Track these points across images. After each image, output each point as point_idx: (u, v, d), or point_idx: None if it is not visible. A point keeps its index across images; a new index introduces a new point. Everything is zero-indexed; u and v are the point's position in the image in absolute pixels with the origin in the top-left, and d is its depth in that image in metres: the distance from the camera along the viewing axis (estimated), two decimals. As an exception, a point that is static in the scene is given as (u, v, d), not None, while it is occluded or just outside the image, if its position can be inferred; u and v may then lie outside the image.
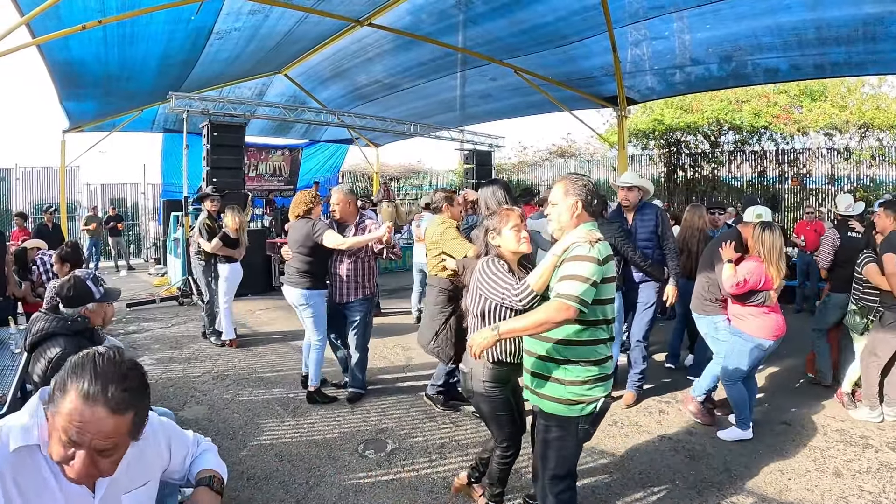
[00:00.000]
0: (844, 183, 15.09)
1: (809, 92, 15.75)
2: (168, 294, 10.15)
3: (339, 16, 9.09)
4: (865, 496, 3.73)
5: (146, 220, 18.75)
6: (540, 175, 21.65)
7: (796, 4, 7.64)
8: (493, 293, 2.87)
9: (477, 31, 9.56)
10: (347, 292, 5.13)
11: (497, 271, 2.90)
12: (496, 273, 2.90)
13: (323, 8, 8.65)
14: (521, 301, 2.72)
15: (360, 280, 5.17)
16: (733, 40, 8.96)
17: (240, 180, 10.54)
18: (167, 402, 5.18)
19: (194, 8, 7.68)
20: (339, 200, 5.18)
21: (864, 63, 9.11)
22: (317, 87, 14.09)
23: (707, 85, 11.30)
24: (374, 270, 5.31)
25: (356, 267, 5.15)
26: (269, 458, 4.16)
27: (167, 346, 7.17)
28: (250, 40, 9.89)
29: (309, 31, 10.04)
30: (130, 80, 10.79)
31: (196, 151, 10.82)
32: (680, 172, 17.59)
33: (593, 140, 19.83)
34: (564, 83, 11.55)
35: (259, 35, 9.68)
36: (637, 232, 5.35)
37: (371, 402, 5.31)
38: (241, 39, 9.77)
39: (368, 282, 5.22)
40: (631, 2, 8.25)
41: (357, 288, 5.16)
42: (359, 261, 5.14)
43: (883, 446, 4.49)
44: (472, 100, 13.98)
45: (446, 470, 4.00)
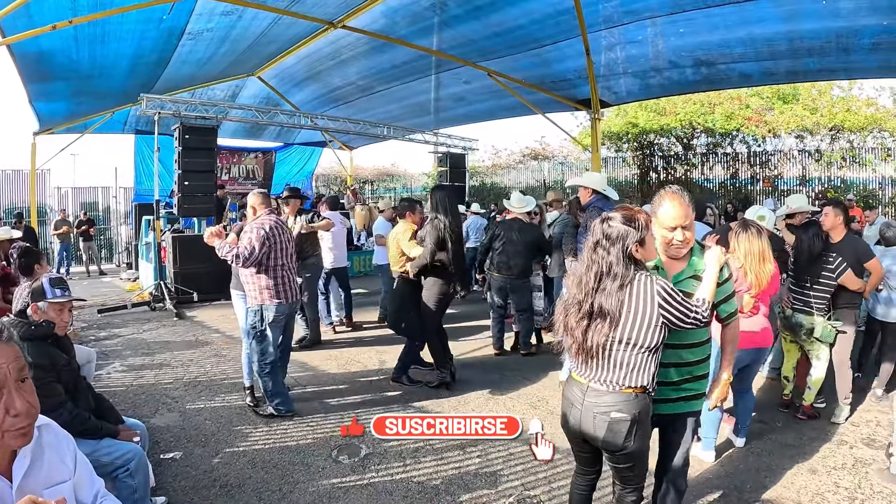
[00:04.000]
0: (815, 184, 15.39)
1: (781, 95, 16.06)
2: (140, 299, 9.99)
3: (313, 18, 9.05)
4: (841, 492, 3.77)
5: (118, 224, 18.47)
6: (514, 177, 21.77)
7: (770, 17, 7.76)
8: (684, 317, 2.53)
9: (451, 34, 9.58)
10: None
11: (678, 294, 2.56)
12: (680, 296, 2.55)
13: (296, 10, 8.60)
14: (706, 316, 2.60)
15: (247, 288, 5.04)
16: (706, 48, 9.08)
17: (212, 184, 10.42)
18: (138, 410, 5.08)
19: (167, 8, 7.60)
20: (251, 204, 5.17)
21: (835, 70, 9.34)
22: (290, 90, 14.01)
23: (681, 88, 11.47)
24: (260, 279, 4.91)
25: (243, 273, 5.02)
26: (241, 465, 4.08)
27: (139, 353, 7.04)
28: (223, 41, 9.81)
29: (282, 33, 9.99)
30: (102, 77, 10.65)
31: (168, 154, 10.69)
32: (653, 174, 17.83)
33: (567, 143, 19.97)
34: (538, 86, 11.62)
35: (232, 36, 9.60)
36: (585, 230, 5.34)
37: (345, 406, 5.25)
38: (213, 40, 9.69)
39: (257, 291, 4.93)
40: (605, 7, 8.33)
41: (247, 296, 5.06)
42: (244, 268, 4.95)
43: (857, 442, 4.55)
44: (446, 103, 14.01)
45: (421, 474, 3.97)
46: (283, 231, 5.06)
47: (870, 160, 15.08)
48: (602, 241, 2.58)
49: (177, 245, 10.05)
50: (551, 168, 20.34)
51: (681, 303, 2.51)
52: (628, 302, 2.52)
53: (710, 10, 7.88)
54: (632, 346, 2.53)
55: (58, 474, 1.80)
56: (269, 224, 4.90)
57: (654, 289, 2.51)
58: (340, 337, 7.86)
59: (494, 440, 4.36)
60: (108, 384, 5.80)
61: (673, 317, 2.50)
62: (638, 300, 2.51)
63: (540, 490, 3.78)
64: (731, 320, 2.87)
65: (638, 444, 2.59)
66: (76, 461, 1.91)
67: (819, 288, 4.88)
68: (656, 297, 2.49)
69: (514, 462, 4.15)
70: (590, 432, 2.64)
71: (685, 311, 2.51)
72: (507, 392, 5.72)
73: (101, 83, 11.02)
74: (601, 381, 2.60)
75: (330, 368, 6.46)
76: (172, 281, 9.96)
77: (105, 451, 3.08)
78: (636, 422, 2.55)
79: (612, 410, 2.56)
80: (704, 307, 2.58)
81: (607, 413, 2.56)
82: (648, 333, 2.51)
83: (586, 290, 2.60)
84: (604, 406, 2.58)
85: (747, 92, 15.85)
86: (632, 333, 2.52)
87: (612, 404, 2.56)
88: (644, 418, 2.59)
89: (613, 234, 2.55)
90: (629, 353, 2.54)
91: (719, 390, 2.93)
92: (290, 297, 5.03)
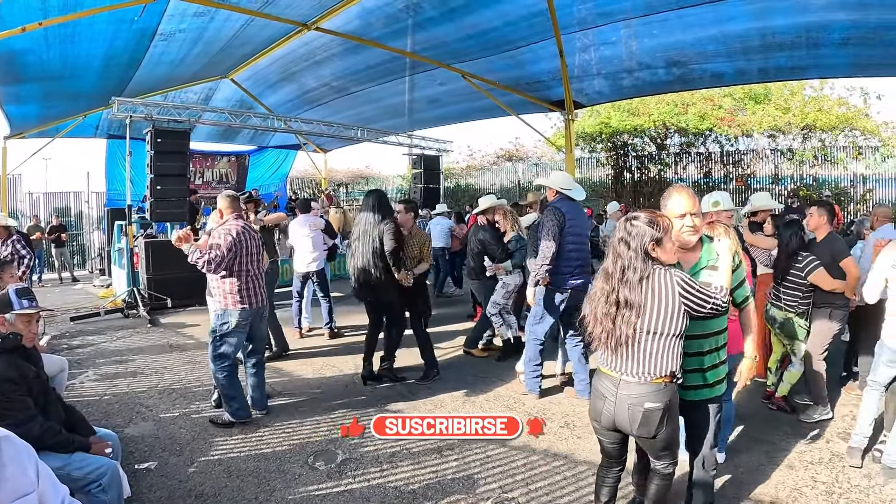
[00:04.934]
0: (788, 182, 15.63)
1: (753, 95, 16.29)
2: (113, 306, 9.84)
3: (286, 19, 9.00)
4: (819, 486, 3.83)
5: (90, 229, 18.21)
6: (488, 179, 21.84)
7: (742, 15, 7.87)
8: (703, 304, 2.70)
9: (425, 36, 9.58)
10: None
11: (696, 283, 2.75)
12: (697, 285, 2.74)
13: (269, 11, 8.55)
14: (724, 302, 2.75)
15: (213, 292, 5.01)
16: (680, 48, 9.17)
17: (185, 188, 10.30)
18: (112, 420, 5.00)
19: (139, 9, 7.52)
20: (219, 207, 5.15)
21: (806, 67, 9.48)
22: (264, 92, 13.90)
23: (654, 89, 11.58)
24: (225, 283, 4.87)
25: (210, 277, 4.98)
26: (217, 474, 4.04)
27: (112, 361, 6.93)
28: (195, 42, 9.71)
29: (256, 35, 9.91)
30: (73, 78, 10.49)
31: (140, 158, 10.55)
32: (627, 174, 18.02)
33: (541, 144, 20.09)
34: (512, 88, 11.68)
35: (204, 38, 9.51)
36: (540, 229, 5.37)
37: (321, 412, 5.22)
38: (186, 41, 9.59)
39: (222, 296, 4.89)
40: (580, 9, 8.37)
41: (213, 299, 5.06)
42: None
43: (834, 437, 4.62)
44: (420, 104, 14.01)
45: (398, 479, 3.95)
46: (250, 236, 5.02)
47: (841, 158, 15.34)
48: (625, 236, 2.78)
49: (150, 250, 9.93)
50: (526, 169, 20.43)
51: (700, 290, 2.69)
52: (651, 293, 2.71)
53: (683, 10, 7.97)
54: (658, 335, 2.71)
55: (22, 487, 1.79)
56: (236, 229, 4.87)
57: (673, 280, 2.70)
58: (315, 342, 7.79)
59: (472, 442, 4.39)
60: (82, 393, 5.71)
61: (694, 304, 2.69)
62: (660, 291, 2.70)
63: (518, 492, 3.78)
64: (747, 304, 3.18)
65: (669, 428, 2.79)
66: (38, 471, 1.90)
67: (788, 285, 4.99)
68: (676, 287, 2.69)
69: (491, 465, 4.15)
70: (624, 423, 2.80)
71: (704, 298, 2.68)
72: (481, 393, 5.73)
73: (72, 84, 10.85)
74: (632, 372, 2.77)
75: (304, 373, 6.42)
76: (146, 287, 9.84)
77: (77, 466, 3.02)
78: (668, 410, 2.75)
79: (645, 401, 2.73)
80: (722, 294, 2.74)
81: (641, 403, 2.74)
82: (672, 322, 2.69)
83: (613, 283, 2.80)
84: (636, 396, 2.75)
85: (720, 92, 16.07)
86: (657, 323, 2.70)
87: (644, 394, 2.74)
88: (674, 405, 2.81)
89: (634, 231, 2.75)
90: (656, 341, 2.72)
91: (748, 369, 3.16)
92: (256, 302, 4.99)
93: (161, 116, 10.42)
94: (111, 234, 13.14)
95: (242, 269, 4.88)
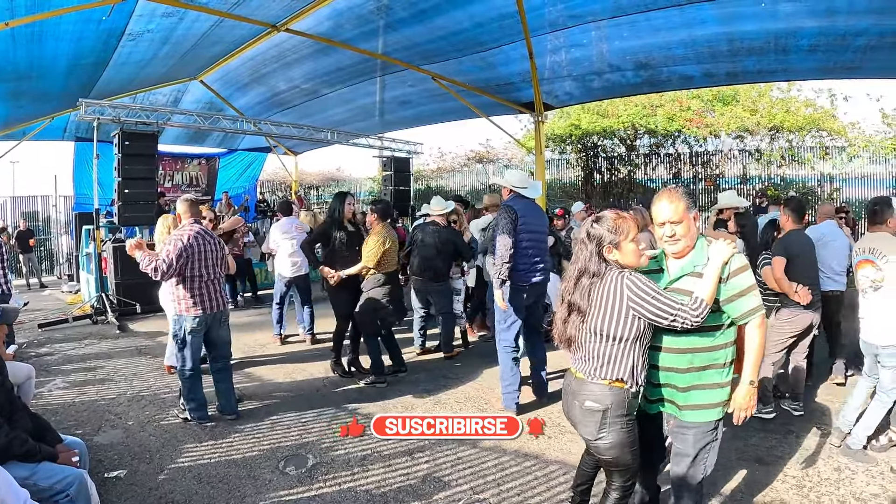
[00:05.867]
0: (756, 182, 15.91)
1: (722, 97, 16.54)
2: (81, 313, 9.69)
3: (256, 21, 8.93)
4: (789, 481, 3.91)
5: (58, 234, 17.90)
6: (458, 181, 21.86)
7: (710, 19, 7.97)
8: (660, 311, 2.55)
9: (396, 37, 9.58)
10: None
11: (653, 287, 2.61)
12: (654, 289, 2.60)
13: (239, 12, 8.48)
14: (699, 317, 2.53)
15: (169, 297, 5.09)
16: (648, 51, 9.28)
17: (153, 191, 10.17)
18: (80, 427, 4.93)
19: (107, 9, 7.42)
20: (178, 211, 5.17)
21: (774, 71, 9.67)
22: (234, 94, 13.77)
23: (623, 91, 11.70)
24: (179, 289, 4.91)
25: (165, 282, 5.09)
26: (187, 481, 4.01)
27: (80, 368, 6.82)
28: (164, 43, 9.58)
29: (225, 36, 9.82)
30: (40, 78, 10.27)
31: (108, 161, 10.40)
32: (597, 175, 18.16)
33: (511, 145, 20.14)
34: (482, 89, 11.73)
35: (173, 38, 9.39)
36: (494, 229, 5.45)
37: (291, 416, 5.21)
38: (154, 42, 9.44)
39: (176, 301, 4.95)
40: (550, 11, 8.42)
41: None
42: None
43: (804, 432, 4.72)
44: (391, 106, 14.01)
45: (369, 482, 3.96)
46: (205, 240, 4.99)
47: (808, 159, 15.63)
48: (584, 238, 2.76)
49: (118, 255, 9.77)
50: (496, 171, 20.48)
51: (657, 299, 2.56)
52: (598, 295, 2.66)
53: (651, 13, 8.04)
54: (605, 336, 2.65)
55: None
56: (188, 234, 4.87)
57: (623, 282, 2.61)
58: (288, 347, 7.75)
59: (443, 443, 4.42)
60: (50, 401, 5.62)
61: (648, 312, 2.57)
62: (607, 292, 2.63)
63: (489, 493, 3.81)
64: (746, 320, 2.70)
65: (614, 438, 2.68)
66: None
67: (758, 280, 5.10)
68: (625, 290, 2.60)
69: (462, 466, 4.18)
70: (572, 419, 2.83)
71: (664, 308, 2.54)
72: (452, 395, 5.78)
73: (39, 85, 10.65)
74: (581, 369, 2.76)
75: (275, 378, 6.40)
76: (114, 293, 9.69)
77: (44, 476, 2.98)
78: (607, 413, 2.65)
79: (586, 399, 2.71)
80: (698, 306, 2.55)
81: (582, 401, 2.72)
82: (619, 325, 2.61)
83: (567, 285, 2.80)
84: (581, 394, 2.74)
85: (688, 94, 16.31)
86: (602, 324, 2.64)
87: (587, 392, 2.71)
88: (618, 411, 2.67)
89: (592, 233, 2.73)
90: (604, 344, 2.67)
91: (743, 398, 2.76)
92: (212, 307, 5.00)
93: (129, 119, 10.26)
94: (79, 239, 12.93)
95: (195, 274, 4.88)
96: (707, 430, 2.77)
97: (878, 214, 4.34)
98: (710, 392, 2.74)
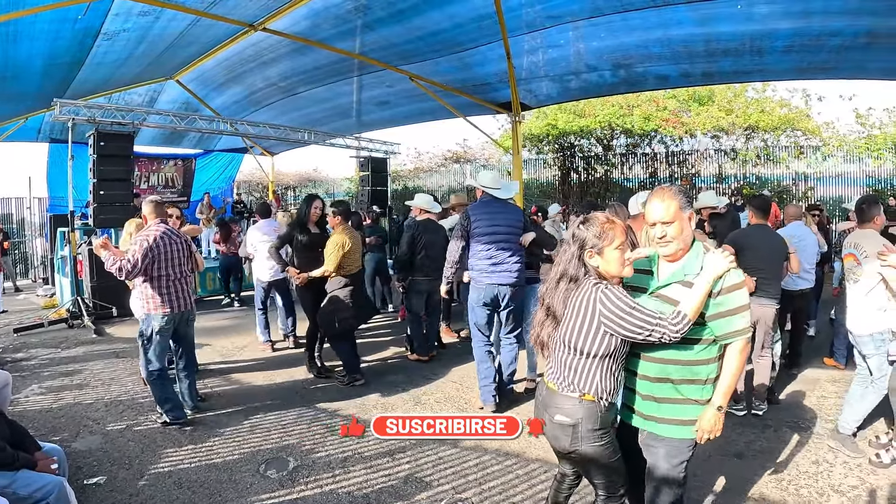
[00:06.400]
0: (732, 181, 16.13)
1: (698, 97, 16.74)
2: (57, 316, 9.55)
3: (233, 20, 8.86)
4: (768, 475, 4.00)
5: (33, 236, 17.62)
6: (436, 181, 21.90)
7: (687, 20, 8.04)
8: (635, 328, 2.39)
9: (374, 37, 9.56)
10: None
11: (629, 302, 2.44)
12: (629, 304, 2.43)
13: (216, 11, 8.41)
14: (679, 332, 2.36)
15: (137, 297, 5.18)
16: (625, 51, 9.35)
17: (129, 192, 10.04)
18: (58, 434, 4.88)
19: (82, 8, 7.34)
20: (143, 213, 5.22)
21: (750, 71, 9.82)
22: (210, 94, 13.64)
23: (600, 91, 11.77)
24: (146, 288, 4.96)
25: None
26: (168, 487, 3.99)
27: (57, 374, 6.73)
28: (140, 42, 9.46)
29: (202, 35, 9.73)
30: (15, 79, 10.09)
31: (83, 163, 10.26)
32: (574, 175, 18.27)
33: (488, 145, 20.22)
34: (460, 90, 11.74)
35: (149, 37, 9.28)
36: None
37: (272, 419, 5.20)
38: (130, 41, 9.33)
39: (144, 301, 5.00)
40: (527, 12, 8.45)
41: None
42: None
43: (781, 426, 4.83)
44: (369, 106, 13.98)
45: (350, 484, 3.97)
46: (171, 240, 5.06)
47: (783, 158, 15.89)
48: (569, 238, 2.63)
49: (94, 258, 9.62)
50: (473, 170, 20.53)
51: (632, 315, 2.39)
52: (571, 303, 2.52)
53: (628, 13, 8.08)
54: (573, 349, 2.51)
55: None
56: (154, 235, 4.94)
57: (596, 296, 2.44)
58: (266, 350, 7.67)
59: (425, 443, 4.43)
60: (27, 408, 5.54)
61: (623, 329, 2.40)
62: (579, 304, 2.49)
63: (472, 492, 3.85)
64: (729, 341, 2.54)
65: (589, 449, 2.54)
66: None
67: None
68: (598, 307, 2.43)
69: (443, 466, 4.21)
70: (544, 431, 2.68)
71: (639, 324, 2.38)
72: (431, 395, 5.83)
73: (13, 85, 10.46)
74: (554, 380, 2.62)
75: (255, 381, 6.37)
76: (90, 296, 9.57)
77: (22, 484, 2.97)
78: (578, 427, 2.51)
79: (556, 412, 2.57)
80: (678, 320, 2.38)
81: (552, 414, 2.58)
82: (589, 340, 2.46)
83: (548, 286, 2.66)
84: (551, 407, 2.60)
85: (664, 94, 16.48)
86: (571, 336, 2.50)
87: (556, 406, 2.57)
88: (590, 426, 2.51)
89: (577, 234, 2.58)
90: (573, 356, 2.53)
91: (707, 422, 2.57)
92: (179, 306, 5.07)
93: (104, 119, 10.12)
94: (54, 242, 12.74)
95: (162, 273, 4.96)
96: (682, 446, 2.62)
97: (864, 213, 4.53)
98: (686, 407, 2.59)
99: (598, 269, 2.54)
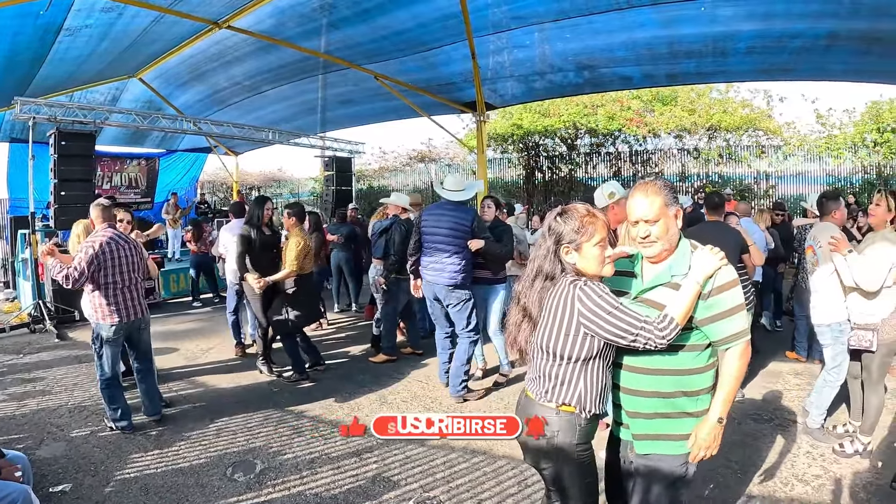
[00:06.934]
0: (695, 180, 16.44)
1: (661, 97, 16.97)
2: (19, 321, 9.36)
3: (197, 17, 8.75)
4: (733, 466, 4.11)
5: (-8, 239, 17.19)
6: (400, 180, 21.93)
7: (650, 22, 8.16)
8: (617, 330, 2.17)
9: (339, 36, 9.52)
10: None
11: (611, 300, 2.21)
12: (611, 303, 2.21)
13: (180, 8, 8.30)
14: (666, 339, 2.14)
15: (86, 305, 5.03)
16: (590, 52, 9.47)
17: (91, 193, 9.82)
18: (22, 441, 4.80)
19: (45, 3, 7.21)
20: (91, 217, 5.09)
21: (713, 73, 10.04)
22: (174, 92, 13.44)
23: (565, 91, 11.90)
24: (94, 296, 4.81)
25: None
26: (135, 493, 3.96)
27: (19, 380, 6.59)
28: (103, 38, 9.29)
29: (165, 32, 9.60)
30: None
31: (43, 162, 10.07)
32: (538, 174, 18.42)
33: (453, 145, 20.25)
34: (425, 89, 11.76)
35: (112, 33, 9.11)
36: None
37: (238, 422, 5.18)
38: (93, 37, 9.15)
39: (92, 309, 4.87)
40: (494, 12, 8.49)
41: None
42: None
43: (745, 419, 4.98)
44: (333, 104, 13.88)
45: (318, 485, 3.99)
46: (118, 246, 4.88)
47: (745, 157, 16.24)
48: (545, 231, 2.42)
49: (56, 260, 9.49)
50: (438, 170, 20.59)
51: (614, 315, 2.18)
52: (547, 303, 2.33)
53: (593, 16, 8.18)
54: (554, 356, 2.30)
55: None
56: (100, 241, 4.77)
57: (574, 294, 2.23)
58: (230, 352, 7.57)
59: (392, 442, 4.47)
60: (-12, 415, 5.45)
61: (603, 331, 2.19)
62: (556, 303, 2.29)
63: (439, 490, 3.89)
64: (726, 346, 2.30)
65: (563, 465, 2.36)
66: None
67: None
68: (576, 304, 2.22)
69: (411, 465, 4.26)
70: (519, 442, 2.49)
71: (622, 327, 2.17)
72: (398, 395, 5.88)
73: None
74: (532, 388, 2.43)
75: (220, 383, 6.33)
76: (52, 300, 9.40)
77: (-15, 493, 2.94)
78: (553, 440, 2.32)
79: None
80: (665, 325, 2.16)
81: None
82: (567, 342, 2.25)
83: (523, 284, 2.46)
84: (526, 416, 2.39)
85: (628, 94, 16.69)
86: (548, 340, 2.30)
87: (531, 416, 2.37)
88: (567, 438, 2.31)
89: (553, 227, 2.37)
90: (551, 363, 2.32)
91: (705, 437, 2.32)
92: (129, 315, 4.91)
93: (66, 118, 9.94)
94: (14, 244, 12.46)
95: (109, 281, 4.79)
96: (675, 464, 2.38)
97: (823, 206, 4.74)
98: (678, 421, 2.35)
99: (575, 267, 2.33)
